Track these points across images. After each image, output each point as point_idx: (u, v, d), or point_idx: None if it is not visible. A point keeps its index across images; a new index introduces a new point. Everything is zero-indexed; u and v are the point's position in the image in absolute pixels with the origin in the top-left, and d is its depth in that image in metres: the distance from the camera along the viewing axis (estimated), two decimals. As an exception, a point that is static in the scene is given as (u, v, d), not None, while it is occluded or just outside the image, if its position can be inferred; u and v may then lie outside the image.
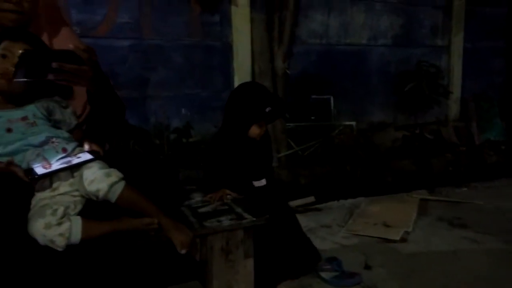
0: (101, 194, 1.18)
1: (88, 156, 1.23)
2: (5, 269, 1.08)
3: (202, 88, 3.14)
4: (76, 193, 1.21)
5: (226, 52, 3.17)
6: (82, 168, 1.21)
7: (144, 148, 2.74)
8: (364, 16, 3.75)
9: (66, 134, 1.30)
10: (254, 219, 1.43)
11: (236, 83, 3.19)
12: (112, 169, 1.22)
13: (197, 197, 1.65)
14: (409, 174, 3.45)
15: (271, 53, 3.22)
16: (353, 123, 3.70)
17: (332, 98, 3.62)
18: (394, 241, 2.28)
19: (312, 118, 3.52)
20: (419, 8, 4.02)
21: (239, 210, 1.51)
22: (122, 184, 1.20)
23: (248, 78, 3.17)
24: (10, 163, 1.16)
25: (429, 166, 3.56)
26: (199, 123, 3.12)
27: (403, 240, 2.31)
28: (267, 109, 1.73)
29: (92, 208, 1.21)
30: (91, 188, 1.18)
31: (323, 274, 1.86)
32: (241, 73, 3.18)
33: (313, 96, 3.56)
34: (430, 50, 4.14)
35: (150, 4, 2.88)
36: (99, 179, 1.18)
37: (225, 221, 1.41)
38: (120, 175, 1.21)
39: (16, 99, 1.27)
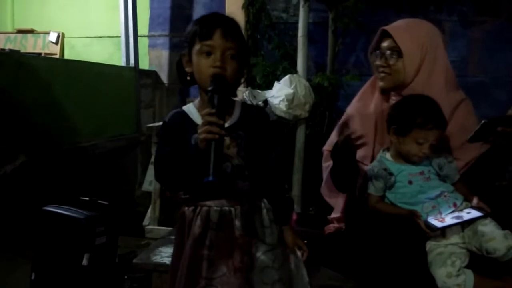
0: (497, 253, 1.29)
1: (477, 213, 1.36)
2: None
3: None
4: (463, 245, 1.37)
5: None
6: (476, 223, 1.35)
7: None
8: None
9: (451, 188, 1.46)
10: None
11: None
12: (508, 231, 1.32)
13: None
14: None
15: None
16: None
17: None
18: None
19: None
20: None
21: None
22: None
23: None
24: (414, 213, 1.39)
25: None
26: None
27: None
28: None
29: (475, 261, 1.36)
30: (489, 246, 1.30)
31: None
32: None
33: None
34: None
35: (481, 42, 2.91)
36: (498, 240, 1.30)
37: None
38: None
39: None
